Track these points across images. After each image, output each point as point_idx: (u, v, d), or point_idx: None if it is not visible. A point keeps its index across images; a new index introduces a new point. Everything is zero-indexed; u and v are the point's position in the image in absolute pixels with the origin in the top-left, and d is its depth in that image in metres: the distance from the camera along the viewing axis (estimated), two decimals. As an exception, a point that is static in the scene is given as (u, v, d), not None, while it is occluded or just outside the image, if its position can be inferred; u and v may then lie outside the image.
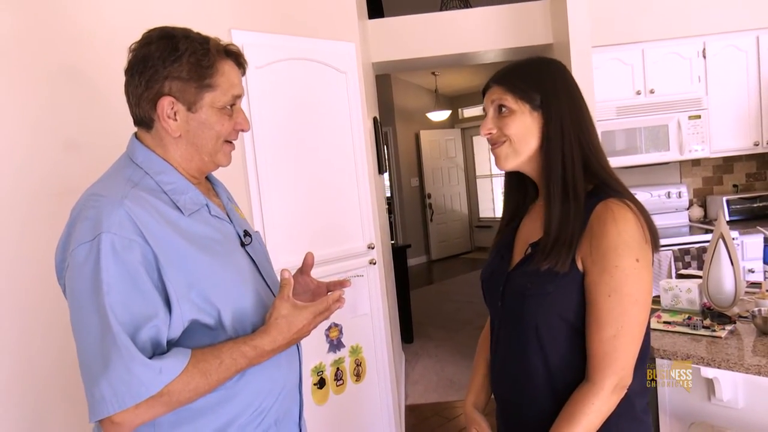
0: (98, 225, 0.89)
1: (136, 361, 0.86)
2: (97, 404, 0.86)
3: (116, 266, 0.88)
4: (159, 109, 0.98)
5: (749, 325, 1.75)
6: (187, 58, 0.97)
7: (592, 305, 1.00)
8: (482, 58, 4.00)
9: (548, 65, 1.12)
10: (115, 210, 0.90)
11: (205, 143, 1.02)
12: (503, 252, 1.19)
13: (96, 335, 0.86)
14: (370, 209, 2.83)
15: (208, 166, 1.06)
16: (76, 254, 0.89)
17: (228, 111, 1.04)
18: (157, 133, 1.02)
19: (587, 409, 0.98)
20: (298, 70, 2.53)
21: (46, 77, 1.69)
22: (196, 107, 1.00)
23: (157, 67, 0.97)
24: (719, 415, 1.69)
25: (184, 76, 0.98)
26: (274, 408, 1.05)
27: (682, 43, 3.51)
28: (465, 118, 8.86)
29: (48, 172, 1.66)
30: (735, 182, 3.92)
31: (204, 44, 1.00)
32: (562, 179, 1.05)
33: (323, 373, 2.58)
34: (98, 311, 0.86)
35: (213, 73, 1.00)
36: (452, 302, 5.99)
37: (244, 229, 1.12)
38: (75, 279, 0.90)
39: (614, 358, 0.98)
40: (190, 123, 1.01)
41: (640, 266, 0.99)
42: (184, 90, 0.98)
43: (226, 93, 1.02)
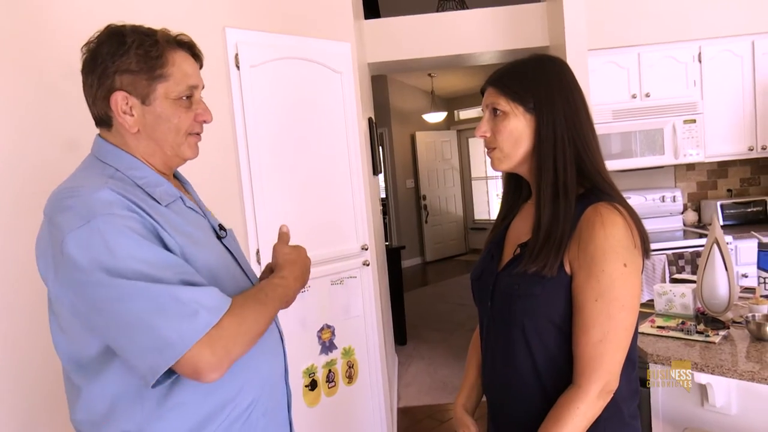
0: (88, 210, 0.86)
1: (191, 292, 0.85)
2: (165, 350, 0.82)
3: (126, 238, 0.85)
4: (113, 105, 0.97)
5: (743, 330, 1.74)
6: (134, 50, 0.96)
7: (578, 309, 1.00)
8: (478, 60, 3.99)
9: (545, 65, 1.11)
10: (100, 193, 0.88)
11: (164, 136, 1.00)
12: (494, 251, 1.18)
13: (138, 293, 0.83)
14: (364, 210, 2.82)
15: (173, 160, 1.05)
16: (68, 242, 0.85)
17: (185, 102, 1.01)
18: (117, 131, 1.01)
19: (573, 413, 0.97)
20: (292, 70, 2.51)
21: (40, 77, 1.67)
22: (150, 99, 0.98)
23: (107, 62, 0.96)
24: (712, 421, 1.68)
25: (134, 68, 0.96)
26: (262, 398, 1.04)
27: (677, 47, 3.52)
28: (461, 119, 8.86)
29: (39, 171, 1.64)
30: (729, 187, 3.93)
31: (151, 35, 0.98)
32: (553, 182, 1.04)
33: (315, 374, 2.56)
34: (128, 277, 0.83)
35: (163, 63, 0.98)
36: (446, 304, 5.98)
37: (218, 223, 1.12)
38: (80, 262, 0.85)
39: (600, 362, 0.97)
40: (147, 117, 0.99)
41: (627, 271, 0.98)
42: (135, 82, 0.97)
43: (180, 83, 1.00)
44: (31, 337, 1.57)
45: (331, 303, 2.66)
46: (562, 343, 1.03)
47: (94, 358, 0.93)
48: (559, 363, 1.04)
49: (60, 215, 0.88)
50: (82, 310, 0.89)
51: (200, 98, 1.05)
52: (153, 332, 0.83)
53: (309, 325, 2.55)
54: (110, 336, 0.88)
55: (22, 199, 1.60)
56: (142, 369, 0.85)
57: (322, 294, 2.60)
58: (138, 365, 0.86)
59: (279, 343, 1.13)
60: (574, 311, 1.01)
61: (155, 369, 0.84)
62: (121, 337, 0.86)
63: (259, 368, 1.03)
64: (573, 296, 1.01)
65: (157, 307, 0.83)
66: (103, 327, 0.88)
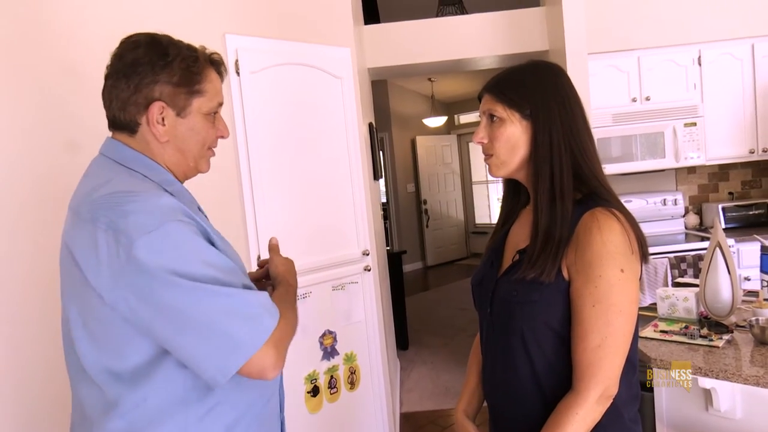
0: (158, 215, 0.88)
1: (256, 297, 0.92)
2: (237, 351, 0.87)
3: (195, 243, 0.91)
4: (150, 114, 0.99)
5: (747, 334, 1.73)
6: (178, 64, 0.99)
7: (576, 315, 1.00)
8: (478, 65, 4.00)
9: (541, 71, 1.11)
10: (164, 198, 0.92)
11: (191, 148, 1.04)
12: (493, 258, 1.19)
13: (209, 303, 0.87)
14: (365, 215, 2.81)
15: (191, 171, 1.09)
16: (140, 247, 0.85)
17: (211, 118, 1.06)
18: (142, 138, 1.02)
19: (572, 418, 0.97)
20: (292, 75, 2.51)
21: (42, 78, 1.68)
22: (185, 113, 1.02)
23: (147, 72, 0.98)
24: (717, 425, 1.67)
25: (175, 82, 0.99)
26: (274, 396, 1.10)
27: (677, 50, 3.52)
28: (461, 124, 8.87)
29: (43, 172, 1.64)
30: (730, 190, 3.92)
31: (192, 51, 1.03)
32: (549, 188, 1.04)
33: (317, 380, 2.55)
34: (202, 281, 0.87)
35: (201, 79, 1.03)
36: (448, 309, 5.97)
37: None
38: (152, 266, 0.86)
39: (599, 367, 0.97)
40: (178, 128, 1.02)
41: (624, 277, 0.98)
42: (175, 95, 1.00)
43: (212, 100, 1.05)
44: (37, 343, 1.58)
45: (333, 308, 2.65)
46: (561, 349, 1.03)
47: (136, 367, 0.92)
48: (558, 369, 1.03)
49: (124, 220, 0.88)
50: (145, 315, 0.88)
51: (220, 116, 1.10)
52: (226, 334, 0.87)
53: (310, 331, 2.54)
54: (176, 340, 0.88)
55: (32, 202, 1.60)
56: (211, 371, 0.88)
57: (324, 299, 2.60)
58: (207, 367, 0.88)
59: None
60: (572, 317, 1.01)
61: (226, 370, 0.88)
62: (190, 340, 0.88)
63: None
64: (571, 302, 1.01)
65: (229, 309, 0.88)
66: (169, 331, 0.88)
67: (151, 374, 0.92)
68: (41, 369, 1.59)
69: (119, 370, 0.92)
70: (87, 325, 0.94)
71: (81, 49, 1.78)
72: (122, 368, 0.92)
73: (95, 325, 0.93)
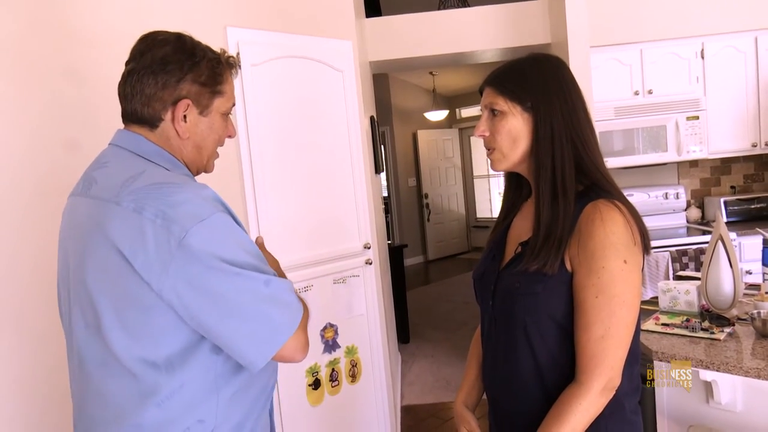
0: (206, 205, 0.93)
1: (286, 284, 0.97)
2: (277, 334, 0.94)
3: (238, 233, 0.96)
4: (176, 111, 1.02)
5: (748, 327, 1.73)
6: (205, 65, 1.04)
7: (579, 306, 1.00)
8: (480, 58, 3.98)
9: (542, 64, 1.11)
10: (208, 190, 0.96)
11: (208, 146, 1.09)
12: (495, 251, 1.19)
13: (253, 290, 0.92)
14: (366, 209, 2.81)
15: (202, 168, 1.12)
16: (193, 236, 0.89)
17: (227, 118, 1.11)
18: (162, 133, 1.04)
19: (575, 409, 0.98)
20: (294, 68, 2.51)
21: (47, 77, 1.68)
22: (207, 111, 1.06)
23: (175, 69, 1.01)
24: (718, 418, 1.67)
25: (202, 81, 1.03)
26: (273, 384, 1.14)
27: (680, 43, 3.50)
28: (463, 118, 8.85)
29: (48, 171, 1.64)
30: (733, 184, 3.92)
31: (215, 53, 1.08)
32: (551, 181, 1.04)
33: (318, 373, 2.56)
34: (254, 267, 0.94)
35: (223, 80, 1.08)
36: (449, 303, 5.98)
37: None
38: (202, 256, 0.90)
39: (602, 358, 0.97)
40: (199, 126, 1.06)
41: (627, 268, 0.98)
42: (201, 94, 1.04)
43: (230, 100, 1.10)
44: (40, 339, 1.58)
45: (334, 302, 2.65)
46: (564, 341, 1.03)
47: (171, 354, 0.94)
48: (560, 361, 1.04)
49: (174, 210, 0.91)
50: (193, 301, 0.91)
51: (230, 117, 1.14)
52: (268, 319, 0.93)
53: (312, 324, 2.54)
54: (221, 325, 0.93)
55: (37, 201, 1.60)
56: (252, 355, 0.93)
57: (325, 293, 2.60)
58: (247, 351, 0.93)
59: None
60: (575, 308, 1.01)
61: (267, 353, 0.94)
62: (234, 325, 0.92)
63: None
64: (574, 293, 1.01)
65: (269, 296, 0.94)
66: (214, 316, 0.92)
67: (187, 361, 0.95)
68: (44, 367, 1.60)
69: (155, 359, 0.94)
70: (121, 314, 0.94)
71: (84, 46, 1.78)
72: (157, 356, 0.94)
73: (133, 314, 0.93)
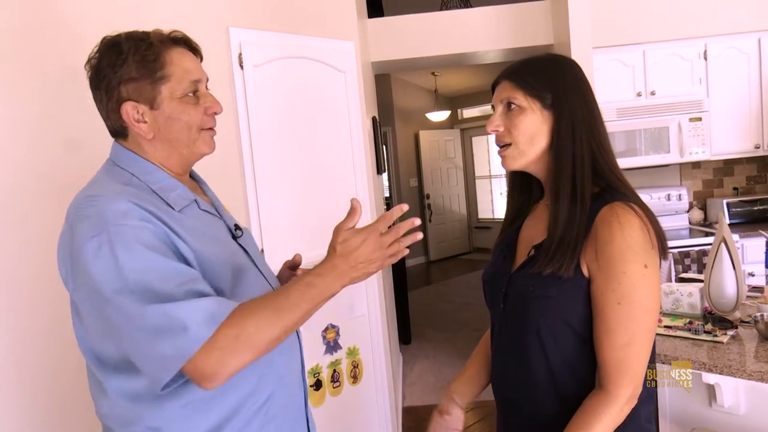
0: (103, 220, 0.88)
1: (185, 308, 0.85)
2: (165, 363, 0.85)
3: (131, 251, 0.86)
4: (125, 116, 0.98)
5: (751, 330, 1.72)
6: (132, 57, 0.96)
7: (601, 313, 0.97)
8: (482, 59, 3.98)
9: (561, 63, 1.09)
10: (116, 204, 0.89)
11: (178, 136, 1.01)
12: (506, 253, 1.16)
13: (138, 312, 0.85)
14: (368, 209, 2.81)
15: (189, 158, 1.06)
16: (83, 252, 0.87)
17: (191, 99, 1.01)
18: (133, 140, 1.02)
19: (602, 418, 0.95)
20: (296, 69, 2.50)
21: (47, 76, 1.68)
22: (157, 103, 0.98)
23: (109, 75, 0.97)
24: (720, 421, 1.67)
25: (135, 76, 0.97)
26: (279, 392, 1.06)
27: (683, 44, 3.49)
28: (464, 118, 8.84)
29: (48, 170, 1.64)
30: (735, 185, 3.91)
31: (145, 39, 0.98)
32: (571, 181, 1.02)
33: (320, 374, 2.56)
34: (132, 292, 0.85)
35: (162, 64, 0.98)
36: (450, 303, 5.97)
37: (234, 223, 1.13)
38: (92, 273, 0.87)
39: (628, 366, 0.95)
40: (159, 120, 0.99)
41: (648, 272, 0.96)
42: (140, 89, 0.97)
43: (182, 80, 1.00)
44: (50, 334, 1.58)
45: (336, 303, 2.62)
46: (578, 346, 1.01)
47: (114, 356, 0.95)
48: (574, 365, 1.02)
49: (79, 224, 0.90)
50: (96, 318, 0.92)
51: (206, 91, 1.05)
52: (153, 348, 0.85)
53: (313, 325, 2.54)
54: (120, 344, 0.91)
55: (38, 199, 1.60)
56: (149, 376, 0.89)
57: (327, 294, 2.59)
58: (146, 372, 0.89)
59: (296, 342, 1.15)
60: (596, 314, 0.98)
61: (158, 380, 0.87)
62: (128, 347, 0.90)
63: (272, 363, 1.04)
64: (593, 299, 0.99)
65: (153, 326, 0.85)
66: (113, 335, 0.91)
67: (127, 365, 0.93)
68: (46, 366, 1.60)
69: (103, 357, 0.96)
70: (77, 313, 0.98)
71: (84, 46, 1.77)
72: (105, 356, 0.96)
73: (80, 314, 0.97)
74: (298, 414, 1.13)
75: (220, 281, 0.97)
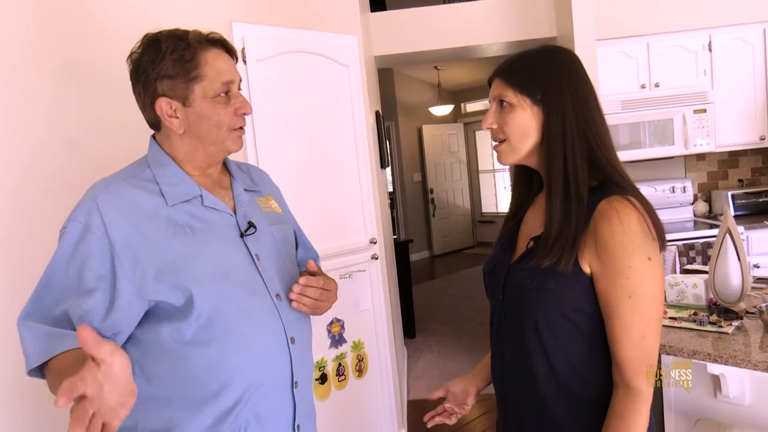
0: (73, 213, 1.00)
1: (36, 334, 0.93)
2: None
3: (69, 250, 0.96)
4: (158, 110, 1.04)
5: (756, 320, 1.72)
6: (169, 56, 1.01)
7: (613, 310, 0.98)
8: (485, 52, 3.96)
9: (553, 56, 1.09)
10: (88, 202, 0.99)
11: (207, 134, 1.06)
12: (506, 245, 1.17)
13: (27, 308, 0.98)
14: (372, 204, 2.81)
15: (216, 155, 1.10)
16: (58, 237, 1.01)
17: (222, 99, 1.06)
18: (164, 132, 1.08)
19: (639, 420, 0.96)
20: (299, 63, 2.50)
21: (51, 74, 1.68)
22: (190, 101, 1.03)
23: (148, 71, 1.02)
24: (725, 411, 1.67)
25: (171, 73, 1.01)
26: (254, 401, 1.03)
27: (687, 36, 3.48)
28: (468, 112, 8.82)
29: (53, 168, 1.65)
30: (740, 177, 3.89)
31: (184, 38, 1.03)
32: (563, 176, 1.02)
33: (325, 368, 2.57)
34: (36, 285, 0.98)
35: (197, 64, 1.02)
36: (455, 297, 5.98)
37: (249, 219, 1.12)
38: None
39: (645, 359, 0.97)
40: (190, 117, 1.04)
41: (652, 264, 0.97)
42: (174, 86, 1.02)
43: (215, 81, 1.04)
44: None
45: (340, 297, 2.64)
46: (575, 338, 1.02)
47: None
48: (573, 358, 1.03)
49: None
50: None
51: (238, 92, 1.09)
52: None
53: (318, 318, 2.54)
54: None
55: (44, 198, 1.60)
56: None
57: (331, 288, 2.60)
58: None
59: (284, 354, 1.09)
60: (607, 312, 0.99)
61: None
62: None
63: (243, 368, 1.02)
64: (601, 297, 0.99)
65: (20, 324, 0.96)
66: None
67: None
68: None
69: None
70: None
71: (88, 43, 1.78)
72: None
73: None
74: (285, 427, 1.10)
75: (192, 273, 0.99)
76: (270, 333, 1.07)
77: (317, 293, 1.14)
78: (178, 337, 0.99)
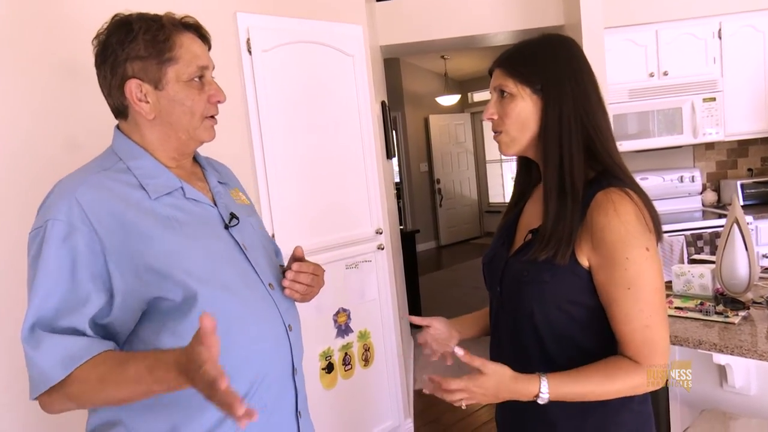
0: (47, 212, 0.93)
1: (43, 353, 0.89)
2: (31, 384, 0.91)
3: (56, 253, 0.90)
4: (128, 93, 0.98)
5: (763, 310, 1.72)
6: (142, 36, 0.97)
7: (614, 302, 0.98)
8: (492, 41, 3.93)
9: (554, 45, 1.08)
10: (65, 198, 0.93)
11: (178, 120, 1.01)
12: (505, 236, 1.17)
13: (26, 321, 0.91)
14: (378, 194, 2.81)
15: (188, 144, 1.05)
16: (28, 240, 0.94)
17: (196, 84, 1.02)
18: (133, 120, 1.02)
19: (627, 376, 0.96)
20: (304, 53, 2.50)
21: (46, 71, 1.67)
22: (162, 84, 0.99)
23: (117, 51, 0.97)
24: (731, 401, 1.67)
25: (143, 54, 0.97)
26: (259, 394, 1.02)
27: (697, 23, 3.43)
28: (475, 102, 8.77)
29: (46, 165, 1.64)
30: (749, 166, 3.85)
31: (157, 20, 0.99)
32: (559, 168, 1.02)
33: (331, 357, 2.59)
34: (30, 297, 0.91)
35: (171, 46, 0.98)
36: (461, 288, 5.98)
37: (230, 211, 1.09)
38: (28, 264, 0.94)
39: (656, 345, 0.97)
40: (161, 101, 0.99)
41: (650, 254, 0.97)
42: (146, 68, 0.98)
43: (190, 64, 1.00)
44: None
45: (347, 287, 2.67)
46: (571, 328, 1.03)
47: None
48: (568, 350, 1.03)
49: (39, 210, 0.97)
50: None
51: (212, 79, 1.05)
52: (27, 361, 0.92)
53: (325, 308, 2.57)
54: None
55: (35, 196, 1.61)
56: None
57: (337, 278, 2.62)
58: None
59: (284, 343, 1.09)
60: (608, 305, 0.99)
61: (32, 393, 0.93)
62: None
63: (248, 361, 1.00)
64: (601, 290, 0.99)
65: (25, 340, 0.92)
66: None
67: None
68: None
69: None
70: None
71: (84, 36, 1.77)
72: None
73: None
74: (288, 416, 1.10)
75: (189, 268, 0.95)
76: (270, 323, 1.06)
77: (309, 279, 1.13)
78: (179, 336, 0.93)
